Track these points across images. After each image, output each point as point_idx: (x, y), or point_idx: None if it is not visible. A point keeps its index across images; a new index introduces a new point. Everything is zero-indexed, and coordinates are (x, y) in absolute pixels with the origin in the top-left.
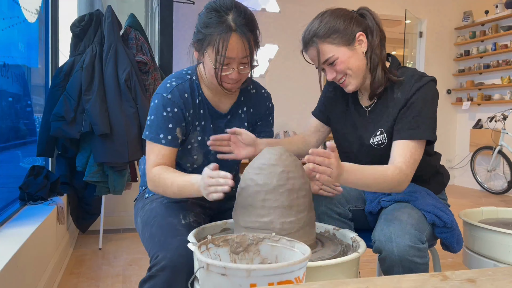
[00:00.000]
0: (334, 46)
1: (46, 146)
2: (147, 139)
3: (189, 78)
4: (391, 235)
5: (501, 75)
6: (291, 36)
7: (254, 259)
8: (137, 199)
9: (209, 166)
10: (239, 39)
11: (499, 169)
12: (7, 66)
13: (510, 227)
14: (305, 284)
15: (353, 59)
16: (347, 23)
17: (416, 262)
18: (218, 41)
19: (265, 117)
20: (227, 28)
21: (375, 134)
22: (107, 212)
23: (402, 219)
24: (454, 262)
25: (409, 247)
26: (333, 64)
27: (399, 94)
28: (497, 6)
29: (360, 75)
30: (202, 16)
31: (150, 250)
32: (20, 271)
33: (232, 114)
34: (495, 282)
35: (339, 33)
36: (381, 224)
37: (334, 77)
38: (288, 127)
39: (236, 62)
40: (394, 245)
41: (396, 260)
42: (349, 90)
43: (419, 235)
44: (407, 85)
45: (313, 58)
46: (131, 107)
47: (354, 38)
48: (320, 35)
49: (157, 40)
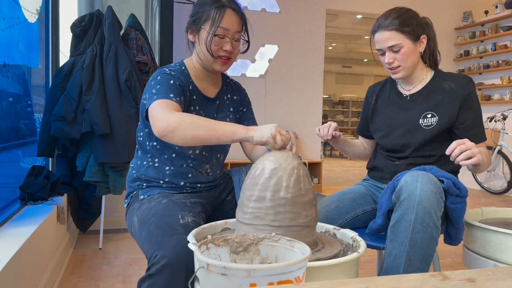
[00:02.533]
0: (404, 37)
1: (47, 146)
2: (157, 99)
3: (179, 68)
4: (418, 177)
5: (501, 75)
6: (291, 36)
7: (254, 259)
8: (128, 204)
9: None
10: (233, 14)
11: (499, 169)
12: (7, 66)
13: (510, 227)
14: (305, 284)
15: (412, 54)
16: (418, 23)
17: (431, 215)
18: (215, 13)
19: (246, 103)
20: (223, 4)
21: (424, 116)
22: (107, 212)
23: (429, 173)
24: (454, 262)
25: (432, 192)
26: (396, 52)
27: (453, 85)
28: (497, 6)
29: (411, 69)
30: (197, 1)
31: (148, 249)
32: (20, 271)
33: (220, 100)
34: (495, 282)
35: (410, 28)
36: (408, 172)
37: (391, 62)
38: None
39: (230, 35)
40: (418, 184)
41: (415, 201)
42: (397, 77)
43: (441, 192)
44: (461, 80)
45: (382, 40)
46: (131, 107)
47: (419, 38)
48: (397, 23)
49: (157, 40)
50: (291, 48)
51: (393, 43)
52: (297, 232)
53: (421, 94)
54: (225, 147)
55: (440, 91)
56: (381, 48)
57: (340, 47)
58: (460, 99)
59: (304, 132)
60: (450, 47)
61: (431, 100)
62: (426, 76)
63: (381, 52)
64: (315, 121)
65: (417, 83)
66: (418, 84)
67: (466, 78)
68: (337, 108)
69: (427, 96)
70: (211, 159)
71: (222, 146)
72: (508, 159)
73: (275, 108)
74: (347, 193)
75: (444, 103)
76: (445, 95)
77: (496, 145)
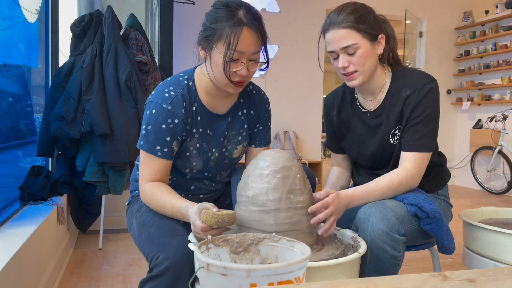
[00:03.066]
0: (360, 36)
1: (46, 146)
2: (142, 149)
3: (186, 84)
4: (370, 215)
5: (501, 75)
6: (291, 36)
7: (254, 259)
8: (130, 202)
9: (201, 205)
10: (250, 33)
11: (499, 169)
12: (7, 66)
13: (510, 227)
14: (305, 284)
15: (370, 56)
16: (375, 20)
17: (386, 250)
18: (229, 34)
19: (264, 121)
20: (239, 22)
21: (393, 134)
22: (107, 212)
23: (388, 205)
24: (454, 262)
25: (382, 232)
26: (351, 54)
27: (409, 92)
28: (497, 6)
29: (368, 74)
30: (210, 13)
31: (149, 251)
32: (20, 271)
33: (232, 115)
34: (495, 282)
35: (367, 25)
36: (367, 205)
37: (346, 66)
38: (288, 128)
39: (245, 58)
40: (369, 224)
41: (367, 240)
42: (353, 84)
43: (398, 226)
44: (417, 83)
45: (335, 40)
46: (131, 107)
47: (377, 38)
48: (352, 19)
49: (157, 40)
50: (291, 48)
51: (348, 43)
52: (297, 232)
53: (383, 108)
54: (231, 165)
55: (399, 101)
56: (334, 49)
57: None
58: (412, 106)
59: (304, 132)
60: (450, 47)
61: (393, 114)
62: (386, 80)
63: (334, 55)
64: (315, 121)
65: (377, 91)
66: (379, 94)
67: (422, 80)
68: None
69: (389, 110)
70: (214, 177)
71: (229, 164)
72: (508, 159)
73: (275, 108)
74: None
75: (404, 115)
76: (403, 105)
77: (497, 145)
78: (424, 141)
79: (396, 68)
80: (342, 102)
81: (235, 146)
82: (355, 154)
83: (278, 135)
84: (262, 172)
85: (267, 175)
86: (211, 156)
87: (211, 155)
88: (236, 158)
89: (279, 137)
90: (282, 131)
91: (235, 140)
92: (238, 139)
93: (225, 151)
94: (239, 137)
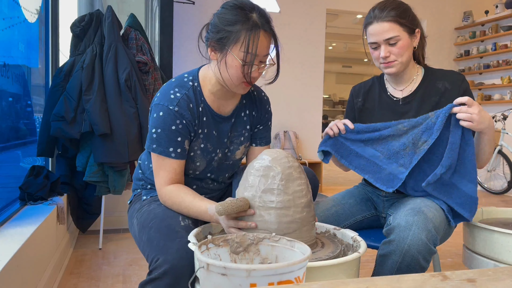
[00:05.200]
0: (402, 29)
1: (46, 146)
2: (155, 153)
3: (191, 86)
4: (413, 224)
5: (501, 75)
6: (291, 36)
7: (254, 259)
8: (131, 201)
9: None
10: (265, 36)
11: (499, 169)
12: (7, 66)
13: (510, 227)
14: (305, 284)
15: (408, 48)
16: (413, 16)
17: (418, 261)
18: (248, 38)
19: (265, 121)
20: (255, 25)
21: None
22: (107, 212)
23: (428, 215)
24: (454, 262)
25: (422, 243)
26: (392, 45)
27: (447, 85)
28: (497, 6)
29: (405, 64)
30: (223, 15)
31: (149, 253)
32: (20, 271)
33: (235, 117)
34: (495, 282)
35: (407, 20)
36: (406, 211)
37: (387, 56)
38: (288, 127)
39: (258, 60)
40: (410, 233)
41: (403, 248)
42: (390, 71)
43: (435, 238)
44: (454, 77)
45: (379, 32)
46: (131, 107)
47: (414, 32)
48: (395, 14)
49: (157, 40)
50: (291, 48)
51: (391, 35)
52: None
53: (415, 96)
54: (234, 167)
55: (435, 92)
56: (377, 41)
57: (340, 47)
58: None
59: (304, 132)
60: (451, 47)
61: (427, 103)
62: (417, 74)
63: (375, 45)
64: (315, 121)
65: (408, 82)
66: (409, 84)
67: (459, 76)
68: (337, 108)
69: (422, 98)
70: (217, 178)
71: (231, 166)
72: (508, 159)
73: (275, 108)
74: (347, 197)
75: (441, 105)
76: (441, 96)
77: (497, 145)
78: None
79: (424, 65)
80: (370, 89)
81: (238, 147)
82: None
83: (278, 135)
84: (261, 172)
85: (267, 176)
86: (214, 156)
87: (214, 156)
88: (238, 159)
89: (279, 137)
90: (282, 131)
91: (238, 141)
92: (241, 140)
93: (227, 152)
94: (241, 138)
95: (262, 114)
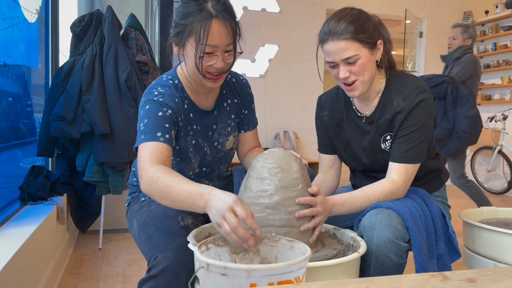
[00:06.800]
0: (360, 46)
1: (46, 146)
2: (142, 142)
3: (172, 83)
4: (376, 223)
5: (501, 75)
6: (291, 36)
7: (254, 259)
8: (129, 203)
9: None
10: (221, 25)
11: (499, 169)
12: (7, 66)
13: (510, 227)
14: (305, 284)
15: (370, 64)
16: (373, 27)
17: (391, 259)
18: (199, 29)
19: (249, 104)
20: (208, 15)
21: (384, 140)
22: (107, 212)
23: (393, 210)
24: (454, 262)
25: (389, 240)
26: (352, 64)
27: (400, 101)
28: (497, 6)
29: (368, 82)
30: (179, 8)
31: (148, 252)
32: (20, 271)
33: (217, 109)
34: (495, 282)
35: (366, 34)
36: (371, 211)
37: (347, 76)
38: (288, 127)
39: (220, 50)
40: (375, 233)
41: (372, 249)
42: (354, 95)
43: (403, 233)
44: (411, 92)
45: (335, 51)
46: (131, 107)
47: (376, 44)
48: (352, 30)
49: (157, 40)
50: (291, 48)
51: (349, 54)
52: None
53: (375, 114)
54: (227, 158)
55: (390, 108)
56: (333, 60)
57: None
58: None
59: (304, 132)
60: None
61: (384, 120)
62: (382, 85)
63: (333, 64)
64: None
65: (373, 96)
66: (374, 99)
67: (415, 90)
68: None
69: (380, 115)
70: (213, 172)
71: (224, 157)
72: (508, 159)
73: (275, 108)
74: None
75: (392, 126)
76: (394, 115)
77: (497, 145)
78: (411, 153)
79: (390, 73)
80: (336, 104)
81: (226, 137)
82: (347, 155)
83: (278, 135)
84: (262, 173)
85: (267, 176)
86: (206, 151)
87: (206, 150)
88: (230, 149)
89: (279, 137)
90: (282, 131)
91: (225, 132)
92: (228, 130)
93: (217, 145)
94: (228, 128)
95: (245, 98)
